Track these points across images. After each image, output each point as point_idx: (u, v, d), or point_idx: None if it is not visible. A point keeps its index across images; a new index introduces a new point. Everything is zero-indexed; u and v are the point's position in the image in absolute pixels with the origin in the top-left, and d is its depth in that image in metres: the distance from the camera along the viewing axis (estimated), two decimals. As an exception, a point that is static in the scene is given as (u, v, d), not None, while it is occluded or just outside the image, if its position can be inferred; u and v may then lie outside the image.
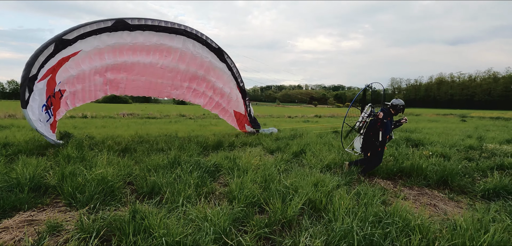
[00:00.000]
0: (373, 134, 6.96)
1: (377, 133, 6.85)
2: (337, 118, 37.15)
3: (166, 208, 4.00)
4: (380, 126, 6.77)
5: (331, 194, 4.80)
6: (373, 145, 6.95)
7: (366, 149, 7.12)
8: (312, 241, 3.06)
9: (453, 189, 6.29)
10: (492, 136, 15.83)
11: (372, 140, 6.93)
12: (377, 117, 6.82)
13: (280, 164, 7.42)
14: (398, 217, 3.64)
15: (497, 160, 8.72)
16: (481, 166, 8.07)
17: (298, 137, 12.71)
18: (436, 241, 3.07)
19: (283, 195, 4.66)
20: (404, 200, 5.44)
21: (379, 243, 3.02)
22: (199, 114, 36.40)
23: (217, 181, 6.11)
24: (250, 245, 3.10)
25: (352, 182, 6.34)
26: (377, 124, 6.84)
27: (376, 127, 6.85)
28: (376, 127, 6.86)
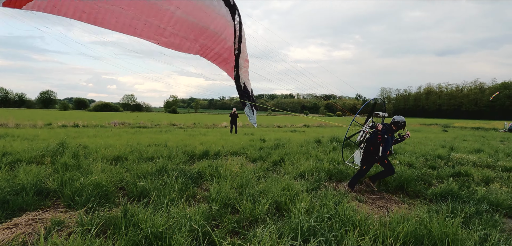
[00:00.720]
0: (373, 148, 7.13)
1: (377, 148, 7.05)
2: (325, 128, 38.17)
3: (153, 207, 4.75)
4: (381, 141, 6.94)
5: (296, 197, 5.60)
6: (372, 160, 7.15)
7: (365, 162, 7.29)
8: (268, 233, 3.84)
9: (408, 193, 7.15)
10: (464, 146, 16.88)
11: (372, 155, 7.12)
12: (377, 129, 7.04)
13: (258, 172, 8.22)
14: (343, 214, 4.45)
15: (456, 168, 9.66)
16: (441, 174, 8.98)
17: (280, 146, 13.53)
18: (370, 231, 3.88)
19: (254, 198, 5.45)
20: (361, 203, 6.27)
21: (322, 233, 3.82)
22: (190, 123, 37.07)
23: (200, 186, 6.87)
24: (217, 235, 3.87)
25: (320, 187, 7.14)
26: (377, 138, 7.00)
27: (377, 141, 7.02)
28: (376, 142, 7.04)
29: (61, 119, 34.20)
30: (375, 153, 7.09)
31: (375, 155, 7.10)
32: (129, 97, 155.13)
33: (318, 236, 3.71)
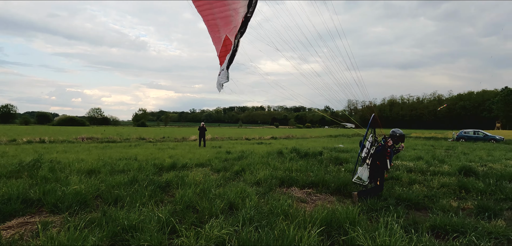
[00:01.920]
0: (380, 163, 7.28)
1: (385, 161, 7.25)
2: (291, 139, 39.88)
3: (127, 209, 5.79)
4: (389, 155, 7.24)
5: (246, 198, 6.82)
6: (381, 173, 7.32)
7: (375, 178, 7.42)
8: (219, 224, 5.02)
9: (344, 194, 8.58)
10: (409, 154, 18.91)
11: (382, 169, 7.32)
12: (387, 144, 7.29)
13: (220, 181, 9.38)
14: (280, 209, 5.73)
15: (391, 173, 11.29)
16: (378, 178, 10.55)
17: (244, 158, 14.75)
18: (295, 220, 5.16)
19: (212, 200, 6.61)
20: (303, 202, 7.60)
21: (258, 220, 5.07)
22: (159, 137, 37.48)
23: (167, 193, 7.92)
24: (182, 229, 5.00)
25: (271, 191, 8.41)
26: (386, 152, 7.22)
27: (385, 155, 7.22)
28: (384, 156, 7.22)
29: (24, 135, 33.55)
30: (384, 167, 7.26)
31: (385, 169, 7.30)
32: (96, 111, 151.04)
33: (254, 223, 4.94)
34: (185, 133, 47.29)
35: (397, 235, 4.30)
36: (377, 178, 7.28)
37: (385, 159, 7.16)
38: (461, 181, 9.63)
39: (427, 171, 12.32)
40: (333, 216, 5.22)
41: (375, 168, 7.29)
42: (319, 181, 9.34)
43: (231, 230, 4.66)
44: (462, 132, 39.31)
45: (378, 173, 7.27)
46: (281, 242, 4.18)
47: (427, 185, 9.61)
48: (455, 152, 22.63)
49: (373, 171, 7.34)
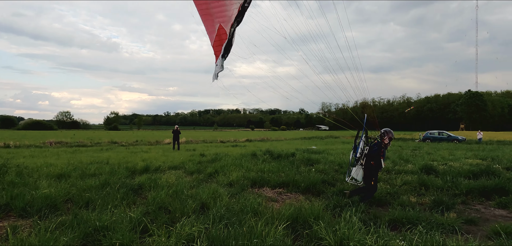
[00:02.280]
0: (374, 163, 7.40)
1: (379, 161, 7.38)
2: (266, 142, 40.33)
3: (98, 211, 5.84)
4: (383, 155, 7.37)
5: (218, 198, 7.03)
6: (375, 173, 7.48)
7: (369, 178, 7.54)
8: (190, 222, 5.20)
9: (314, 193, 8.96)
10: (378, 154, 19.75)
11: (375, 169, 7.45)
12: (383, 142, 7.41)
13: (193, 182, 9.52)
14: (249, 208, 5.99)
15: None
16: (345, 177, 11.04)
17: (218, 160, 14.91)
18: (264, 217, 5.43)
19: (184, 201, 6.77)
20: (273, 201, 7.89)
21: (228, 218, 5.31)
22: (132, 140, 36.82)
23: (140, 196, 7.98)
24: (153, 228, 5.14)
25: (243, 191, 8.66)
26: (380, 152, 7.36)
27: (379, 154, 7.36)
28: (379, 155, 7.36)
29: (-12, 140, 31.94)
30: (378, 166, 7.41)
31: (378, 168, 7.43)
32: (65, 114, 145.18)
33: (224, 220, 5.16)
34: (159, 137, 46.64)
35: (355, 226, 4.67)
36: (371, 178, 7.44)
37: (379, 158, 7.32)
38: (422, 178, 10.29)
39: (392, 170, 12.99)
40: (299, 212, 5.54)
41: (369, 168, 7.44)
42: (289, 181, 9.68)
43: (201, 227, 4.86)
44: (428, 133, 41.28)
45: (372, 173, 7.44)
46: (249, 237, 4.43)
47: (391, 183, 10.19)
48: (420, 152, 23.78)
49: (367, 171, 7.50)
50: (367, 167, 7.48)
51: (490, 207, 7.89)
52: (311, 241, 4.71)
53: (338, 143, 36.57)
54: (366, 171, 7.52)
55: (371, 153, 7.44)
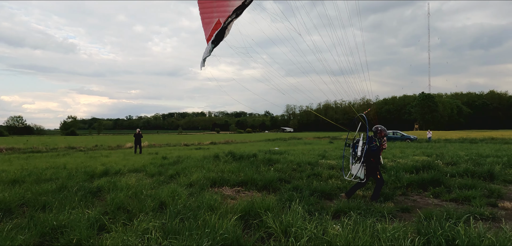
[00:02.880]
0: (374, 159, 7.90)
1: (378, 157, 7.91)
2: (230, 144, 40.64)
3: (55, 212, 5.93)
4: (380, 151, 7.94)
5: (177, 197, 7.31)
6: (376, 168, 7.95)
7: (373, 174, 7.97)
8: (148, 219, 5.47)
9: (270, 190, 9.48)
10: (335, 154, 20.83)
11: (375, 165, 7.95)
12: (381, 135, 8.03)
13: (154, 184, 9.69)
14: (206, 204, 6.36)
15: (315, 170, 12.58)
16: (303, 175, 11.69)
17: (179, 162, 15.06)
18: (219, 211, 5.82)
19: (143, 201, 6.99)
20: (232, 199, 8.30)
21: (185, 213, 5.65)
22: (91, 145, 35.61)
23: (99, 198, 8.05)
24: (111, 225, 5.35)
25: (203, 191, 8.98)
26: (381, 149, 7.94)
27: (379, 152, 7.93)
28: (377, 153, 7.89)
29: None
30: (377, 162, 7.96)
31: (377, 164, 7.97)
32: (16, 119, 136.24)
33: (180, 215, 5.50)
34: (120, 141, 45.38)
35: (299, 215, 5.20)
36: (376, 173, 7.91)
37: (379, 155, 7.86)
38: (370, 174, 11.16)
39: (346, 168, 13.88)
40: (251, 206, 6.00)
41: (370, 165, 7.90)
42: (248, 180, 10.14)
43: (158, 222, 5.16)
44: (384, 133, 43.68)
45: (375, 168, 7.94)
46: (202, 228, 4.81)
47: (342, 179, 10.97)
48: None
49: (369, 168, 7.93)
50: (369, 164, 7.95)
51: (425, 197, 8.82)
52: (260, 230, 5.18)
53: (300, 144, 37.74)
54: (369, 168, 7.96)
55: (372, 151, 7.89)
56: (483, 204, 7.47)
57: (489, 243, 3.98)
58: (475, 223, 5.24)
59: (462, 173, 11.37)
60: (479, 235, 4.19)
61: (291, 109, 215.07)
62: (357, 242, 4.08)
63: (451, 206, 7.46)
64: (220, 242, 4.42)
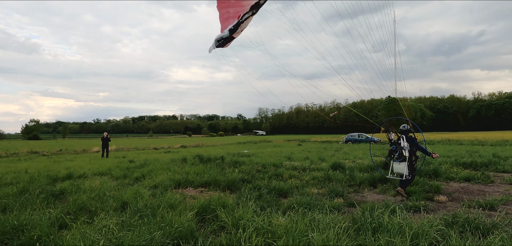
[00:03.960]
0: (414, 157, 8.90)
1: (415, 154, 8.93)
2: (201, 147, 40.70)
3: (16, 213, 6.09)
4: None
5: (139, 197, 7.63)
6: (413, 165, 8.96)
7: (412, 168, 8.95)
8: (109, 217, 5.79)
9: (232, 189, 9.96)
10: (302, 155, 21.65)
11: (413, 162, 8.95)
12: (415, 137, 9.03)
13: (118, 186, 9.89)
14: (166, 203, 6.74)
15: (278, 171, 13.20)
16: (265, 176, 12.26)
17: (146, 165, 15.20)
18: (178, 209, 6.22)
19: (105, 201, 7.25)
20: (193, 198, 8.70)
21: (143, 210, 6.01)
22: (55, 150, 34.49)
23: (61, 201, 8.18)
24: (72, 223, 5.62)
25: (166, 191, 9.31)
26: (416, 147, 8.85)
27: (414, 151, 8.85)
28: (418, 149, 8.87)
29: None
30: (415, 159, 9.00)
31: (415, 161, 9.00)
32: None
33: (140, 212, 5.87)
34: (86, 145, 44.14)
35: (250, 209, 5.73)
36: (414, 168, 8.94)
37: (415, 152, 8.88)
38: (327, 174, 11.91)
39: (308, 168, 14.60)
40: (208, 203, 6.46)
41: (411, 161, 8.86)
42: (211, 181, 10.57)
43: (118, 220, 5.50)
44: (350, 136, 45.43)
45: (413, 164, 8.96)
46: (160, 224, 5.20)
47: (301, 179, 11.65)
48: (339, 152, 26.46)
49: (410, 164, 8.86)
50: (411, 162, 8.85)
51: (373, 193, 9.64)
52: (214, 224, 5.65)
53: (270, 146, 38.50)
54: (411, 166, 8.87)
55: (414, 148, 8.83)
56: (421, 198, 8.34)
57: (404, 227, 4.67)
58: (407, 213, 5.99)
59: (411, 172, 12.42)
60: (399, 223, 4.88)
61: (263, 112, 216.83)
62: (294, 229, 4.64)
63: (393, 200, 8.28)
64: (175, 234, 4.84)
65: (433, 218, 5.44)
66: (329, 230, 4.68)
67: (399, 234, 4.57)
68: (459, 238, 4.49)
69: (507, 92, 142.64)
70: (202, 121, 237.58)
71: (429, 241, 4.50)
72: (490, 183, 10.87)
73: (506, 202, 8.09)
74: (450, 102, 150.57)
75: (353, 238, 4.72)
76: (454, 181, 11.27)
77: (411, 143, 8.85)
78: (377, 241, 4.45)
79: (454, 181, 11.36)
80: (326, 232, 4.53)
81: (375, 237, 4.63)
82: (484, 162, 14.78)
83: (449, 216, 5.57)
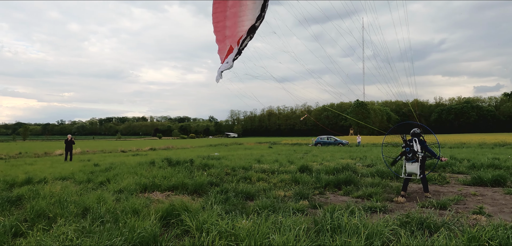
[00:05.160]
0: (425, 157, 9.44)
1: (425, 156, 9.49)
2: (170, 150, 40.06)
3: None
4: None
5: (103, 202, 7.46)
6: None
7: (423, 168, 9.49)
8: (68, 223, 5.63)
9: (200, 193, 9.94)
10: (271, 158, 21.90)
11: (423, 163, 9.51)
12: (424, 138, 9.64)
13: (81, 191, 9.58)
14: (130, 208, 6.64)
15: (246, 174, 13.31)
16: (234, 179, 12.32)
17: (112, 169, 14.81)
18: (141, 214, 6.16)
19: (66, 206, 7.03)
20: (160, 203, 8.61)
21: (103, 216, 5.91)
22: (14, 153, 32.69)
23: (19, 207, 7.83)
24: (28, 231, 5.41)
25: (133, 196, 9.14)
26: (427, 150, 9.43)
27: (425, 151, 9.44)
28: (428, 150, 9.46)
29: None
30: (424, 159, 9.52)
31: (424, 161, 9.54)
32: None
33: (102, 218, 5.76)
34: (49, 148, 42.14)
35: (215, 213, 5.79)
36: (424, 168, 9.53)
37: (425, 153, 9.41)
38: (294, 176, 12.17)
39: (277, 171, 14.82)
40: (173, 207, 6.44)
41: (423, 162, 9.40)
42: (179, 184, 10.49)
43: (78, 226, 5.37)
44: (319, 138, 46.49)
45: (424, 164, 9.51)
46: (122, 229, 5.14)
47: (269, 182, 11.82)
48: (308, 154, 27.01)
49: (422, 164, 9.40)
50: (423, 162, 9.43)
51: (338, 195, 9.98)
52: (178, 228, 5.65)
53: (241, 149, 38.58)
54: (422, 165, 9.41)
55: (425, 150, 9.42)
56: (380, 199, 8.75)
57: (360, 228, 4.92)
58: (365, 214, 6.28)
59: (374, 173, 12.95)
60: (356, 224, 5.13)
61: (235, 115, 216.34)
62: (257, 231, 4.76)
63: (354, 201, 8.63)
64: (137, 239, 4.81)
65: (389, 218, 5.76)
66: (290, 232, 4.83)
67: (355, 234, 4.80)
68: (409, 236, 4.79)
69: (465, 97, 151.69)
70: (173, 123, 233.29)
71: (383, 240, 4.76)
72: (445, 184, 11.57)
73: (458, 201, 8.67)
74: (414, 106, 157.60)
75: (313, 239, 4.90)
76: (414, 183, 11.89)
77: (422, 145, 9.49)
78: (334, 241, 4.66)
79: (414, 182, 11.98)
80: (286, 234, 4.67)
81: (333, 238, 4.84)
82: (442, 164, 15.67)
83: (403, 216, 5.91)
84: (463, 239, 4.53)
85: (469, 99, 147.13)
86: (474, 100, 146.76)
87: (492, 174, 11.34)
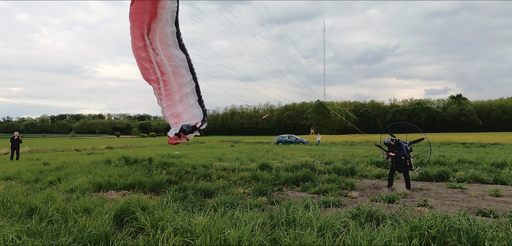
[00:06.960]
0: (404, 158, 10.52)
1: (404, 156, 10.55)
2: (128, 148, 38.71)
3: None
4: None
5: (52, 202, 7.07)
6: None
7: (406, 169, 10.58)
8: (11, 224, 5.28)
9: (158, 191, 9.74)
10: (233, 156, 21.92)
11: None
12: None
13: (27, 191, 9.00)
14: (81, 207, 6.37)
15: (208, 172, 13.23)
16: (193, 177, 12.18)
17: (64, 168, 14.04)
18: (94, 213, 5.93)
19: (9, 207, 6.58)
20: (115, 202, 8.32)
21: (56, 219, 5.62)
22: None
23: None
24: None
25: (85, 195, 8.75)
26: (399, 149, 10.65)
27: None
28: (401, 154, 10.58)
29: None
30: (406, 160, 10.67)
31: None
32: None
33: (50, 218, 5.48)
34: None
35: (170, 210, 5.72)
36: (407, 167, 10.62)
37: None
38: (254, 174, 12.29)
39: (237, 169, 14.87)
40: (128, 206, 6.27)
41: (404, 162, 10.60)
42: (136, 183, 10.22)
43: (23, 227, 5.06)
44: (280, 137, 47.25)
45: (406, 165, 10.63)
46: (71, 229, 4.92)
47: (229, 179, 11.85)
48: (270, 153, 27.35)
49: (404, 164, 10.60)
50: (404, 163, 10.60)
51: (295, 191, 10.25)
52: (133, 226, 5.52)
53: (203, 147, 38.16)
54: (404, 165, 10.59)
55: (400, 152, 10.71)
56: (336, 194, 9.11)
57: (315, 221, 5.12)
58: (319, 208, 6.53)
59: (331, 170, 13.44)
60: (309, 217, 5.32)
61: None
62: (213, 227, 4.78)
63: (311, 197, 8.91)
64: (88, 238, 4.63)
65: (341, 212, 6.03)
66: (245, 226, 4.90)
67: (309, 227, 4.98)
68: (358, 227, 5.06)
69: (417, 99, 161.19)
70: (133, 121, 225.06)
71: (334, 231, 4.99)
72: (396, 179, 12.28)
73: (405, 195, 9.26)
74: (371, 107, 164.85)
75: (268, 233, 5.01)
76: (367, 179, 12.50)
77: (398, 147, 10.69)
78: (288, 234, 4.80)
79: (367, 178, 12.60)
80: (242, 228, 4.74)
81: (287, 231, 4.98)
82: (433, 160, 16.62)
83: (354, 209, 6.21)
84: (406, 228, 4.87)
85: (420, 101, 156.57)
86: (425, 102, 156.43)
87: (437, 170, 12.24)
